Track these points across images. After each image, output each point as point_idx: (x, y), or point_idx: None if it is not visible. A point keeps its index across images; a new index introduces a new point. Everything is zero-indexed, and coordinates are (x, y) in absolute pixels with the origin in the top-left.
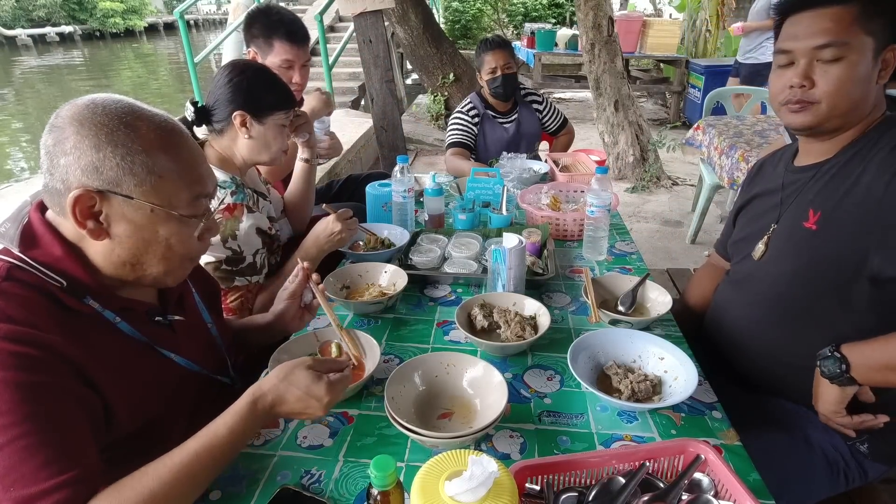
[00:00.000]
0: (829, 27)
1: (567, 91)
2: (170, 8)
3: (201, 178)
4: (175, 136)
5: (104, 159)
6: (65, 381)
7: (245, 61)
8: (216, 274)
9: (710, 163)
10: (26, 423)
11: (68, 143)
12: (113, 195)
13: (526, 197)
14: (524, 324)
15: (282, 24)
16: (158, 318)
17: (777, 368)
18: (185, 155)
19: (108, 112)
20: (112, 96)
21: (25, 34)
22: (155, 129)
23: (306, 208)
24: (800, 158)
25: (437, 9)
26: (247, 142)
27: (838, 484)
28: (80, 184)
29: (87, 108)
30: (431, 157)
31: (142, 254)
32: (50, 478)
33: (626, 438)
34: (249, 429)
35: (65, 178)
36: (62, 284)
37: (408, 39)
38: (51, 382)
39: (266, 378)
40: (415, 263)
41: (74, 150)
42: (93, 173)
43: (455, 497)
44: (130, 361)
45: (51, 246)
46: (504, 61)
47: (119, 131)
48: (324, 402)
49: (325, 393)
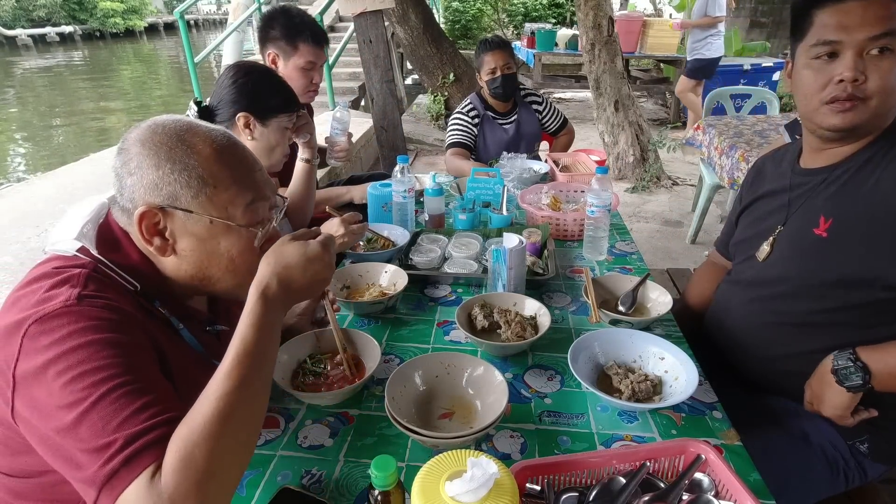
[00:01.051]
0: (885, 15)
1: (567, 91)
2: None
3: (256, 183)
4: (228, 146)
5: (163, 176)
6: (148, 346)
7: (251, 63)
8: None
9: (710, 163)
10: (128, 374)
11: (132, 163)
12: (174, 210)
13: (526, 197)
14: (524, 324)
15: (306, 27)
16: (209, 327)
17: (778, 369)
18: (238, 163)
19: (167, 131)
20: (172, 116)
21: (25, 34)
22: (209, 142)
23: (307, 208)
24: (807, 160)
25: (437, 9)
26: (249, 143)
27: (838, 483)
28: (144, 202)
29: (148, 128)
30: (431, 157)
31: (206, 268)
32: (152, 417)
33: (626, 438)
34: (273, 320)
35: (132, 198)
36: (136, 288)
37: (408, 39)
38: (143, 344)
39: (259, 270)
40: (415, 263)
41: (138, 169)
42: (154, 190)
43: (456, 497)
44: (188, 368)
45: (129, 251)
46: (503, 62)
47: (177, 148)
48: (325, 261)
49: (323, 251)
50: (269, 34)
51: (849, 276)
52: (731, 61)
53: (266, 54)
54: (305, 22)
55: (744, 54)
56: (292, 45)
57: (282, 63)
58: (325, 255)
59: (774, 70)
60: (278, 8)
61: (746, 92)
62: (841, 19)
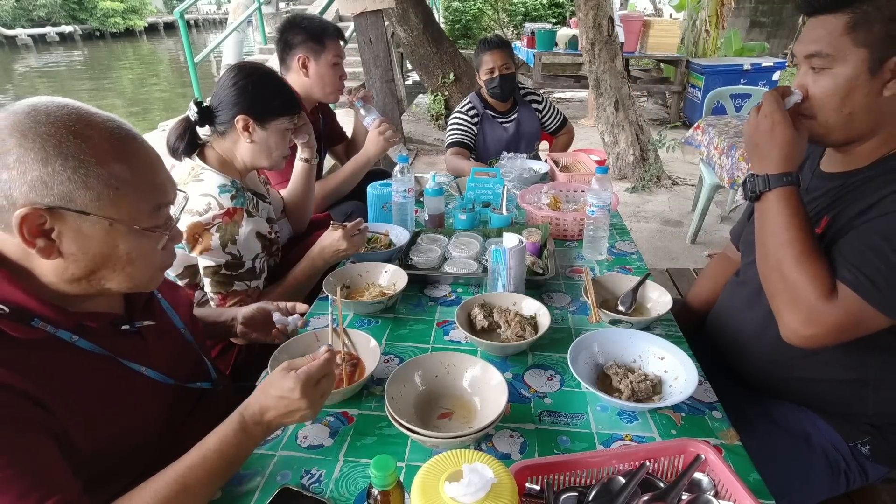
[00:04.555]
0: (820, 36)
1: (567, 91)
2: (170, 8)
3: (161, 186)
4: (130, 143)
5: (53, 173)
6: (24, 412)
7: (252, 64)
8: (214, 279)
9: (710, 163)
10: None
11: (10, 156)
12: (66, 211)
13: (526, 197)
14: (524, 324)
15: (327, 24)
16: (125, 326)
17: (779, 372)
18: (143, 163)
19: (54, 121)
20: (55, 100)
21: (25, 34)
22: (108, 137)
23: (306, 209)
24: (827, 162)
25: (437, 9)
26: (248, 146)
27: (839, 485)
28: (26, 201)
29: (28, 116)
30: (431, 157)
31: (98, 269)
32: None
33: (626, 438)
34: (242, 440)
35: (8, 195)
36: (4, 311)
37: (408, 39)
38: (11, 416)
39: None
40: (415, 263)
41: (18, 164)
42: (41, 189)
43: (455, 498)
44: (91, 379)
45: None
46: (502, 61)
47: (68, 142)
48: (297, 395)
49: (294, 385)
50: (293, 40)
51: None
52: (731, 61)
53: (296, 59)
54: (324, 21)
55: (744, 54)
56: (320, 43)
57: (313, 64)
58: (297, 389)
59: (774, 70)
60: (294, 15)
61: (746, 92)
62: (803, 33)
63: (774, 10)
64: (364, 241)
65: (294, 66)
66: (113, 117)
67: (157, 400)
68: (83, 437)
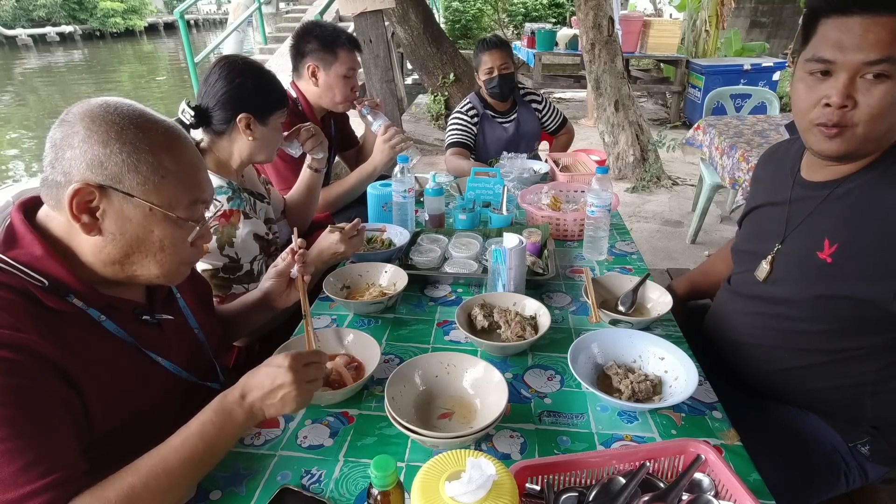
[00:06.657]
0: (884, 39)
1: (567, 91)
2: (170, 8)
3: (201, 183)
4: (180, 140)
5: (110, 154)
6: (46, 382)
7: (241, 59)
8: (213, 282)
9: (710, 163)
10: (7, 426)
11: (77, 137)
12: (113, 191)
13: (526, 197)
14: (524, 324)
15: (341, 33)
16: (146, 316)
17: (777, 376)
18: (188, 160)
19: (120, 112)
20: (124, 100)
21: (25, 34)
22: (163, 132)
23: (308, 213)
24: (809, 171)
25: (437, 9)
26: (248, 143)
27: (839, 485)
28: (81, 177)
29: (99, 106)
30: (431, 157)
31: (132, 253)
32: (33, 481)
33: (626, 438)
34: (225, 422)
35: (67, 171)
36: (44, 283)
37: (408, 39)
38: (31, 385)
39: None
40: (415, 263)
41: (82, 143)
42: (97, 168)
43: (455, 498)
44: (112, 359)
45: (31, 246)
46: (501, 62)
47: (129, 130)
48: (284, 367)
49: (283, 360)
50: (305, 47)
51: (859, 301)
52: (731, 61)
53: (306, 67)
54: (338, 30)
55: (744, 54)
56: (332, 52)
57: (322, 74)
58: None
59: (774, 70)
60: (310, 22)
61: (746, 92)
62: (840, 37)
63: (774, 11)
64: (363, 243)
65: (304, 75)
66: (169, 120)
67: (170, 392)
68: (102, 415)
